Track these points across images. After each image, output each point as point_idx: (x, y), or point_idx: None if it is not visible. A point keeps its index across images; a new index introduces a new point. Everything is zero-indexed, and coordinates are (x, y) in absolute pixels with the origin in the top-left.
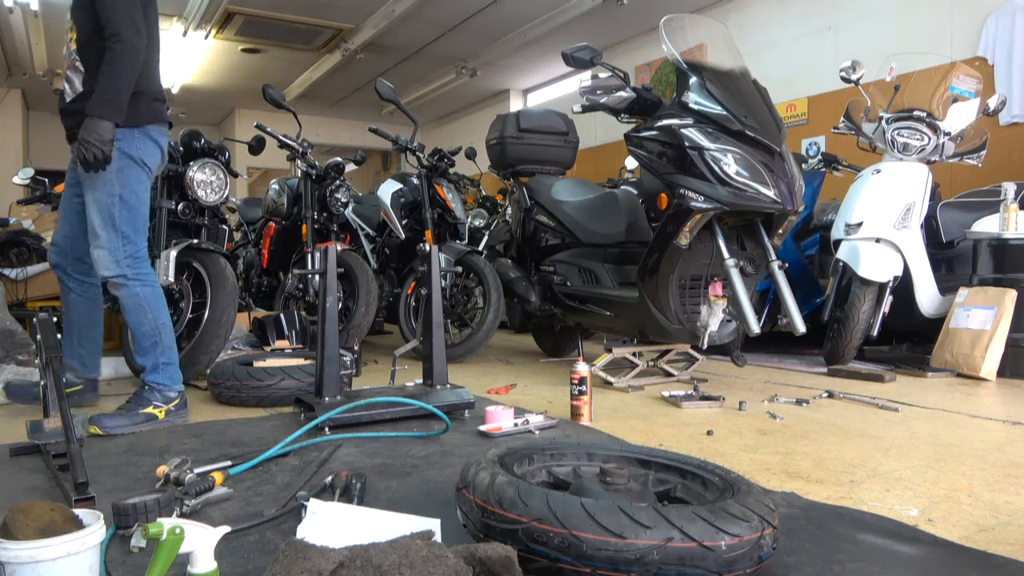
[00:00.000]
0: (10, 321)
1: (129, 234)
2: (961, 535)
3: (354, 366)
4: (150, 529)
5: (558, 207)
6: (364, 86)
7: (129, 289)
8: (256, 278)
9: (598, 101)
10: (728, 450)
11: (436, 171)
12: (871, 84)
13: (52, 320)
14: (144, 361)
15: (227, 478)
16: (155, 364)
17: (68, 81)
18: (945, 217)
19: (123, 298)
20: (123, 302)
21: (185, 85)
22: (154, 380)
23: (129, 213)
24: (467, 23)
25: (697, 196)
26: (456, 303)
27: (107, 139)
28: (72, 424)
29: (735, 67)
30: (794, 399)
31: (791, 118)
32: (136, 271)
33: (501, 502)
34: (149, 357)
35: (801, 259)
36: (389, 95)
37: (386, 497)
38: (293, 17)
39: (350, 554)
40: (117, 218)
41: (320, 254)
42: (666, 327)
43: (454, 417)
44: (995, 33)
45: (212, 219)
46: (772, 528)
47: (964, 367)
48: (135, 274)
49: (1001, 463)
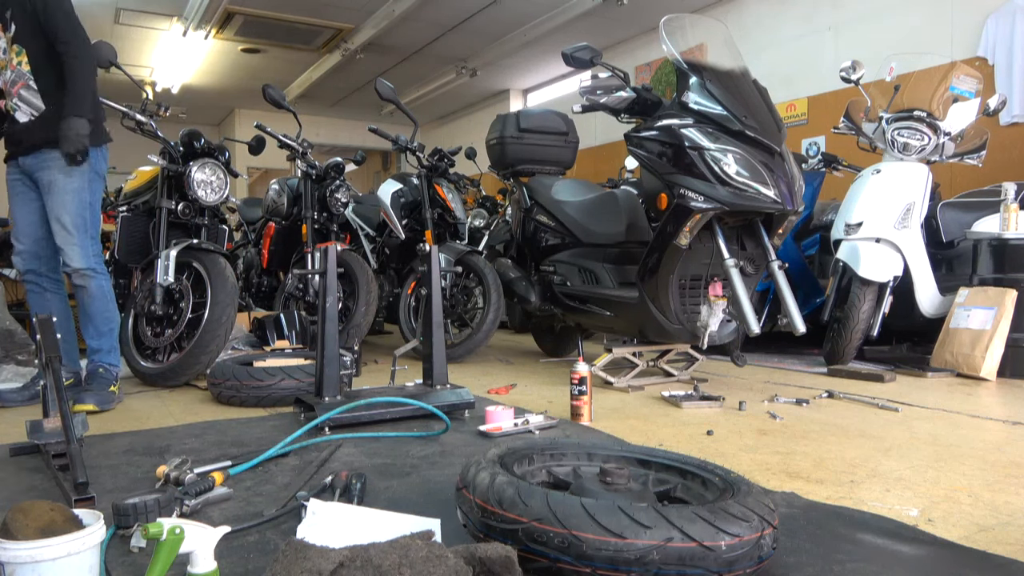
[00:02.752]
0: (10, 321)
1: (95, 235)
2: (961, 535)
3: (354, 366)
4: (150, 529)
5: (558, 207)
6: (364, 86)
7: (97, 280)
8: (256, 278)
9: (598, 101)
10: (728, 450)
11: (436, 171)
12: (871, 84)
13: (52, 320)
14: (100, 343)
15: (227, 478)
16: (111, 347)
17: (23, 101)
18: (945, 217)
19: (91, 287)
20: (90, 291)
21: (185, 85)
22: (110, 361)
23: (94, 218)
24: (467, 23)
25: (697, 196)
26: (456, 303)
27: (84, 134)
28: (72, 424)
29: (735, 67)
30: (794, 399)
31: (791, 118)
32: (100, 266)
33: (501, 502)
34: (106, 340)
35: (801, 259)
36: (389, 95)
37: (386, 497)
38: (293, 17)
39: (350, 554)
40: (88, 222)
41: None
42: (666, 327)
43: (454, 417)
44: (995, 33)
45: (212, 219)
46: (772, 528)
47: (964, 367)
48: (100, 268)
49: (1001, 463)
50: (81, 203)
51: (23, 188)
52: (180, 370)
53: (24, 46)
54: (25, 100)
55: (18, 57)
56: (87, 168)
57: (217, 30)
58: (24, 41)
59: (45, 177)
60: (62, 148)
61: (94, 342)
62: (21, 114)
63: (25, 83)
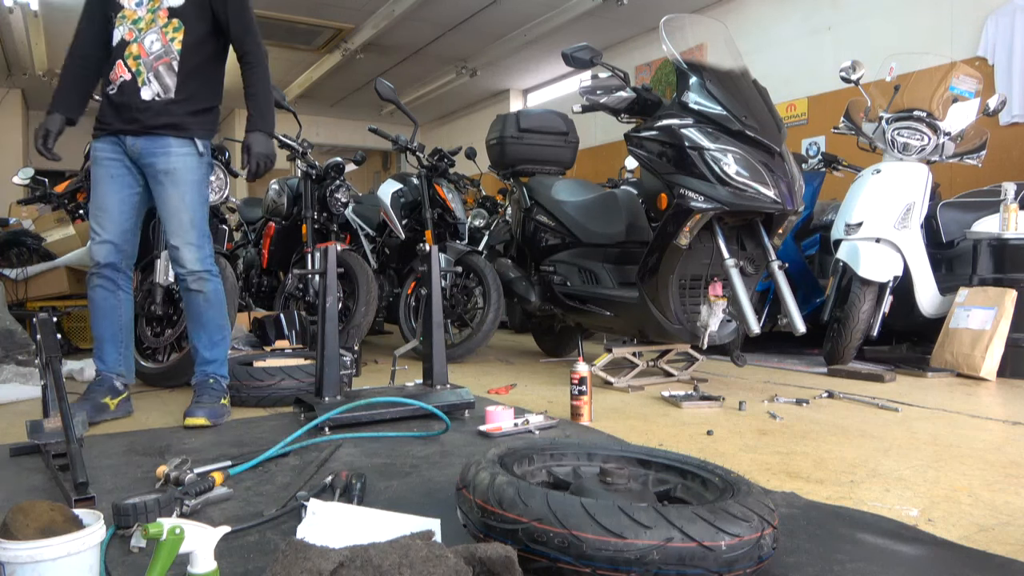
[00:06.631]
0: (10, 321)
1: (209, 234)
2: (961, 535)
3: (354, 366)
4: (150, 529)
5: (558, 207)
6: (364, 86)
7: (214, 284)
8: (256, 278)
9: (598, 101)
10: (728, 450)
11: (436, 171)
12: (871, 84)
13: (52, 320)
14: (215, 354)
15: (227, 478)
16: (224, 357)
17: (158, 78)
18: (945, 217)
19: (207, 291)
20: (208, 296)
21: None
22: (222, 373)
23: (206, 216)
24: (467, 23)
25: (697, 196)
26: (456, 303)
27: (274, 156)
28: (72, 424)
29: (735, 67)
30: (794, 399)
31: (791, 118)
32: (216, 268)
33: (501, 502)
34: (219, 349)
35: (801, 259)
36: (389, 95)
37: (386, 497)
38: (293, 17)
39: (350, 554)
40: (202, 220)
41: (320, 254)
42: (666, 327)
43: (454, 417)
44: (995, 33)
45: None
46: (772, 528)
47: (964, 367)
48: (216, 271)
49: (1001, 463)
50: (201, 197)
51: (121, 171)
52: (180, 370)
53: (185, 24)
54: (159, 77)
55: (174, 33)
56: (207, 160)
57: None
58: (188, 19)
59: (162, 163)
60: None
61: (207, 352)
62: (148, 90)
63: (169, 61)
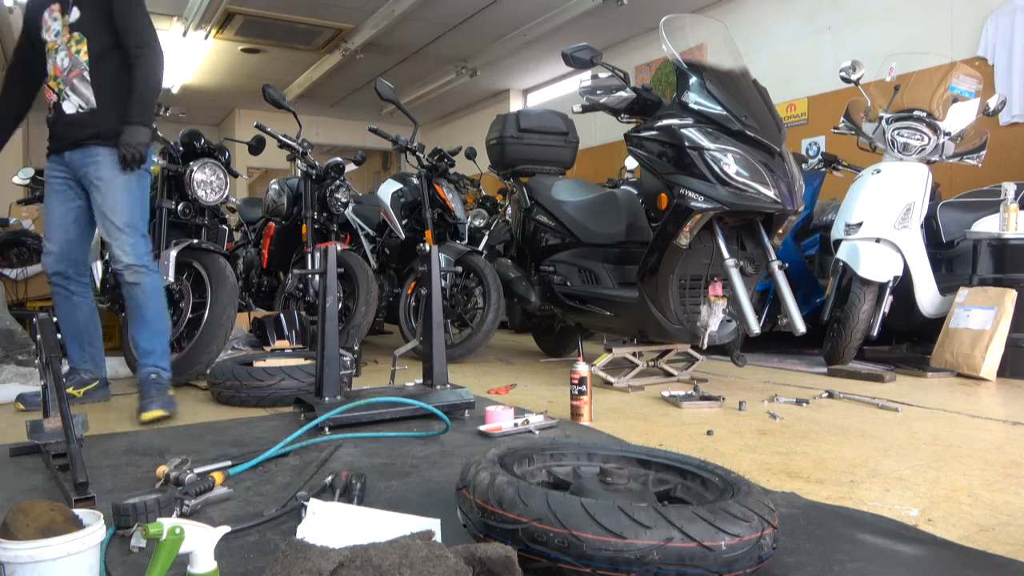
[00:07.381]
0: (10, 321)
1: (145, 232)
2: (961, 535)
3: (354, 366)
4: (150, 529)
5: (558, 207)
6: (364, 86)
7: (151, 277)
8: (256, 278)
9: (598, 101)
10: (728, 450)
11: (436, 171)
12: (871, 84)
13: (52, 320)
14: (154, 345)
15: (227, 478)
16: (164, 349)
17: (74, 91)
18: (945, 217)
19: (145, 284)
20: (145, 288)
21: (185, 85)
22: (163, 365)
23: (144, 214)
24: (467, 23)
25: (697, 196)
26: (456, 303)
27: (147, 143)
28: (72, 424)
29: (735, 67)
30: (794, 399)
31: (791, 118)
32: (153, 263)
33: (501, 502)
34: (159, 341)
35: (801, 259)
36: (389, 95)
37: (386, 497)
38: (293, 17)
39: (350, 554)
40: (139, 219)
41: (320, 254)
42: (666, 327)
43: (454, 417)
44: (995, 33)
45: (212, 219)
46: (772, 528)
47: (964, 367)
48: (153, 266)
49: (1001, 463)
50: (132, 198)
51: (63, 187)
52: (180, 370)
53: (86, 35)
54: (76, 91)
55: (78, 45)
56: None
57: (217, 30)
58: (87, 30)
59: (93, 172)
60: (121, 154)
61: (147, 344)
62: (69, 104)
63: (80, 72)
